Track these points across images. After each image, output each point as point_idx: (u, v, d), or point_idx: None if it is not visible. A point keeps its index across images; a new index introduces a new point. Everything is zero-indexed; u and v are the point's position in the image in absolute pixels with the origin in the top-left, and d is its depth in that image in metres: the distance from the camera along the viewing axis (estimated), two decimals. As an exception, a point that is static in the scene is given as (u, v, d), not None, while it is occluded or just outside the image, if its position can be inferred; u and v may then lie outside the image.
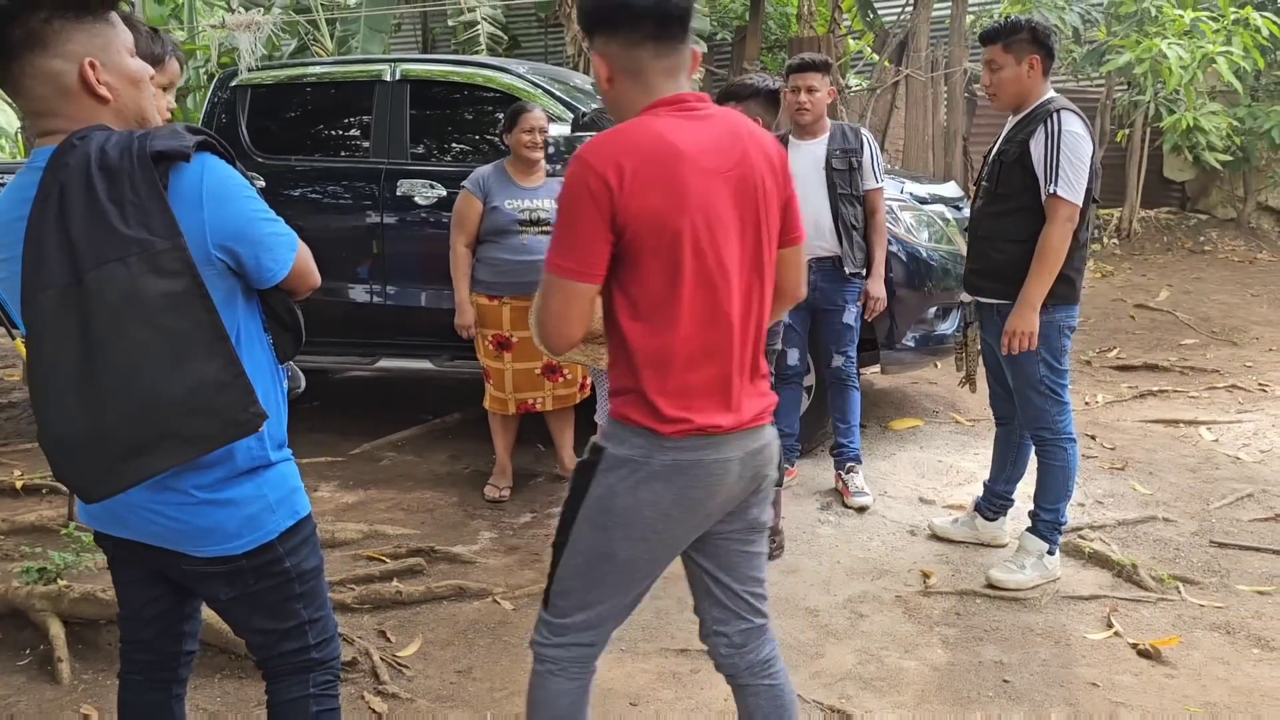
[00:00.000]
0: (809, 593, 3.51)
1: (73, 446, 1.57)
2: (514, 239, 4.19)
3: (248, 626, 1.91)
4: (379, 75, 5.11)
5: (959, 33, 10.02)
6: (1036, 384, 3.41)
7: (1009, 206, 3.35)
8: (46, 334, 1.54)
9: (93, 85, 1.61)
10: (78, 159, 1.54)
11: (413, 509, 4.35)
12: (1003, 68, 3.34)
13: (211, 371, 1.58)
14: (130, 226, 1.52)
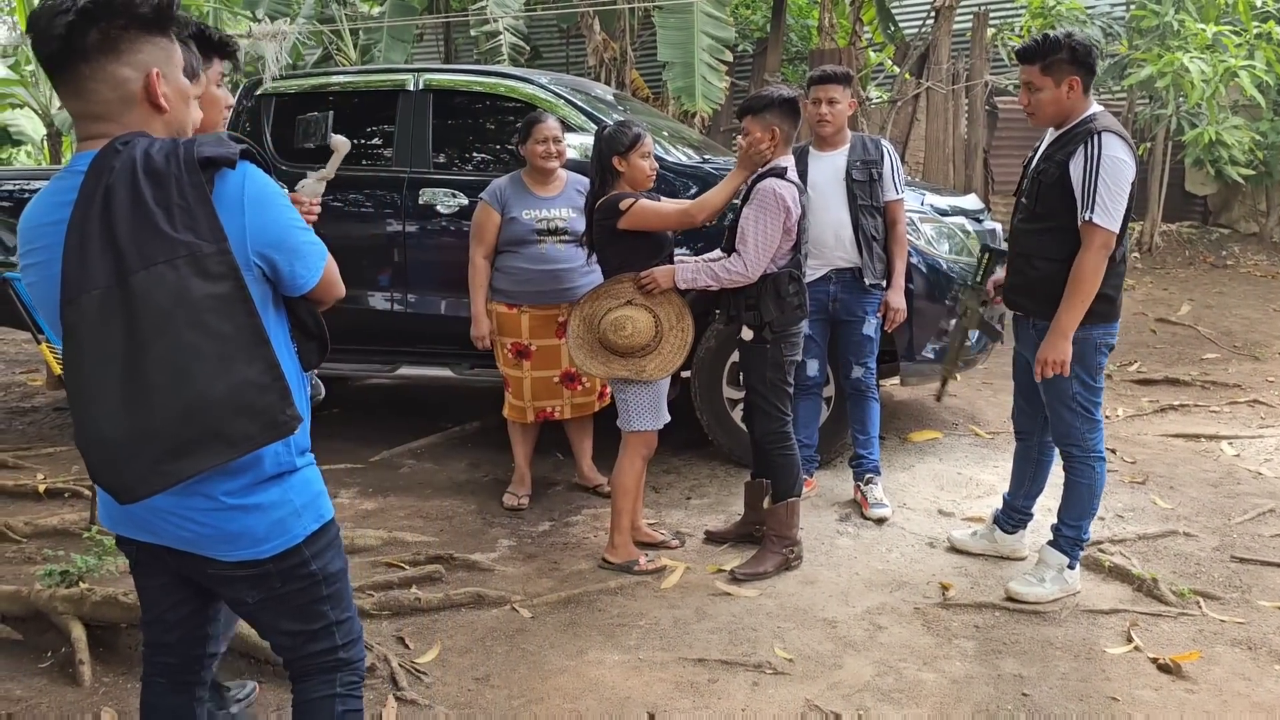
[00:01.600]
0: (827, 604, 3.51)
1: (116, 446, 1.57)
2: (533, 248, 4.21)
3: (275, 629, 1.92)
4: (402, 85, 5.15)
5: (980, 45, 10.02)
6: (1069, 400, 3.38)
7: (1047, 225, 3.30)
8: (89, 334, 1.55)
9: (156, 95, 1.65)
10: (123, 163, 1.56)
11: (432, 516, 4.37)
12: (1041, 89, 3.26)
13: (253, 373, 1.61)
14: (178, 230, 1.55)
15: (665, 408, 3.79)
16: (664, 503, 4.49)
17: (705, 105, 8.84)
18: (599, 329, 3.64)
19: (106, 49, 1.60)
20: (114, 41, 1.60)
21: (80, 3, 1.56)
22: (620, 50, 10.41)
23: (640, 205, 3.61)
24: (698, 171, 4.86)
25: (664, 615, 3.42)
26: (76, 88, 1.63)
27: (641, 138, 3.67)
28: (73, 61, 1.60)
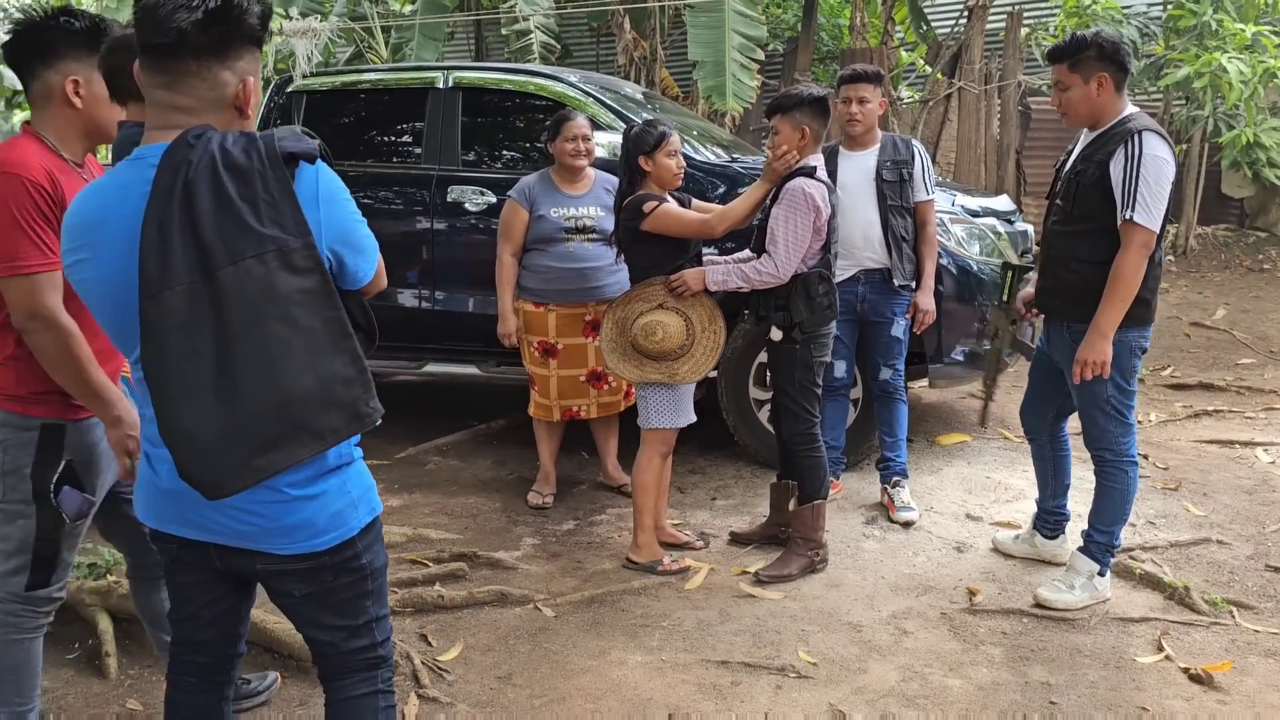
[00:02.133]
0: (852, 607, 3.48)
1: (207, 442, 1.56)
2: (560, 246, 4.21)
3: (317, 623, 1.88)
4: (432, 82, 5.16)
5: (1013, 45, 9.91)
6: (1104, 403, 3.34)
7: (1084, 228, 3.27)
8: (175, 330, 1.54)
9: (247, 102, 1.68)
10: (201, 157, 1.56)
11: (456, 514, 4.38)
12: (1070, 88, 3.25)
13: (339, 366, 1.62)
14: (264, 225, 1.56)
15: (689, 407, 3.77)
16: (689, 503, 4.48)
17: (736, 104, 8.80)
18: (631, 333, 3.63)
19: (218, 51, 1.62)
20: (225, 46, 1.63)
21: (210, 4, 1.59)
22: (650, 49, 10.39)
23: (662, 210, 3.60)
24: (727, 171, 4.84)
25: (687, 616, 3.41)
26: (175, 80, 1.63)
27: (667, 136, 3.65)
28: (182, 56, 1.61)
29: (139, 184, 1.60)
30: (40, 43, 2.17)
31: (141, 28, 1.61)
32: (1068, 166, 3.39)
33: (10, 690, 2.34)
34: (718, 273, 3.60)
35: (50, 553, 2.29)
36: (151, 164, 1.60)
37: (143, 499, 1.82)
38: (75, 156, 2.25)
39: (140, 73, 1.66)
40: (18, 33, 2.18)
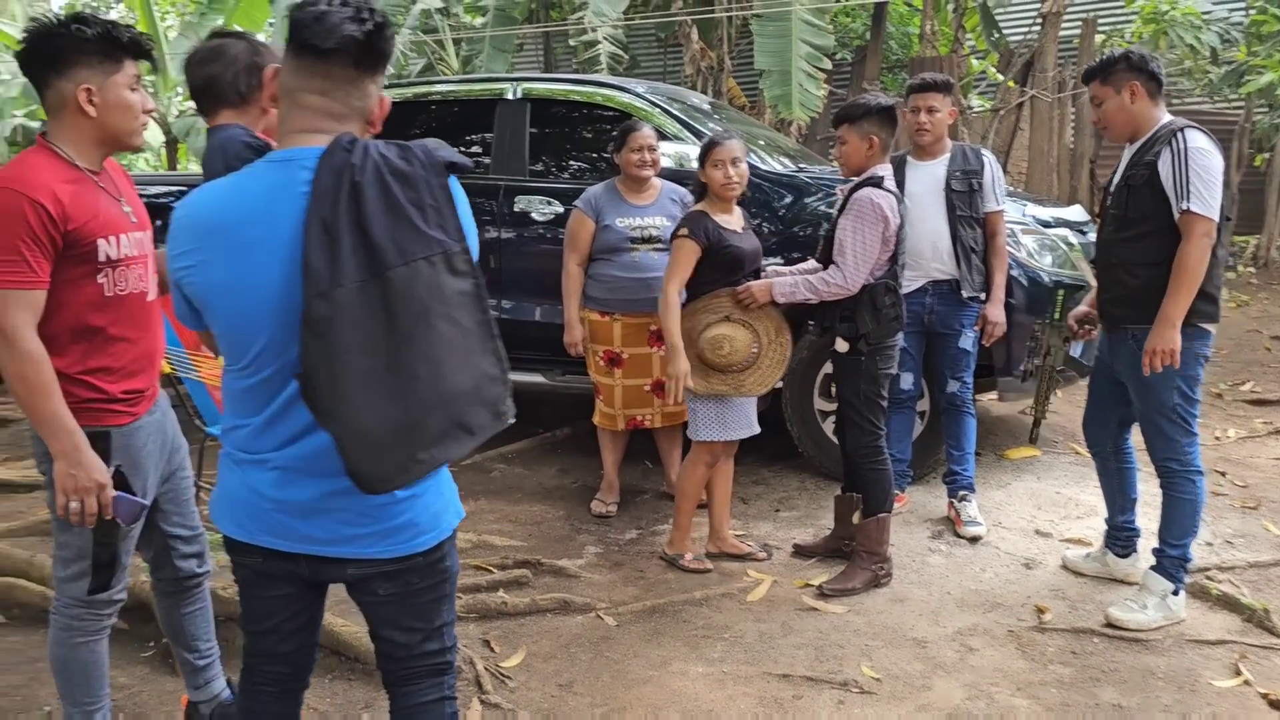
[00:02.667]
0: (917, 623, 3.43)
1: (379, 437, 1.60)
2: (626, 256, 4.22)
3: (397, 624, 1.88)
4: (501, 94, 5.22)
5: (1088, 52, 9.72)
6: (1169, 412, 3.30)
7: (1141, 231, 3.27)
8: (348, 327, 1.57)
9: (380, 116, 1.76)
10: (364, 161, 1.60)
11: (520, 521, 4.41)
12: (1105, 100, 3.34)
13: (487, 365, 1.69)
14: (430, 228, 1.62)
15: (742, 421, 3.78)
16: (752, 514, 4.46)
17: (802, 113, 8.77)
18: (697, 345, 3.63)
19: (371, 65, 1.70)
20: (376, 61, 1.70)
21: (376, 20, 1.66)
22: (717, 59, 10.40)
23: (679, 244, 3.66)
24: (794, 181, 4.82)
25: (749, 629, 3.39)
26: (333, 86, 1.68)
27: (714, 146, 3.67)
28: (345, 64, 1.67)
29: (293, 184, 1.64)
30: (52, 51, 2.17)
31: (310, 31, 1.65)
32: (1116, 179, 3.42)
33: (80, 691, 2.40)
34: (785, 284, 3.59)
35: (108, 557, 2.34)
36: (305, 165, 1.64)
37: (231, 511, 1.81)
38: (91, 165, 2.25)
39: (292, 74, 1.69)
40: (30, 41, 2.18)
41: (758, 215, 4.70)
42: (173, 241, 1.71)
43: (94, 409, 2.23)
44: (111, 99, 2.20)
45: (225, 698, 2.70)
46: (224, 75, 2.57)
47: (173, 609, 2.64)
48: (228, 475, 1.81)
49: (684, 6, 10.49)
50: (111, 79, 2.19)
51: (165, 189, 5.95)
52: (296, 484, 1.73)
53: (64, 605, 2.37)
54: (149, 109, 2.28)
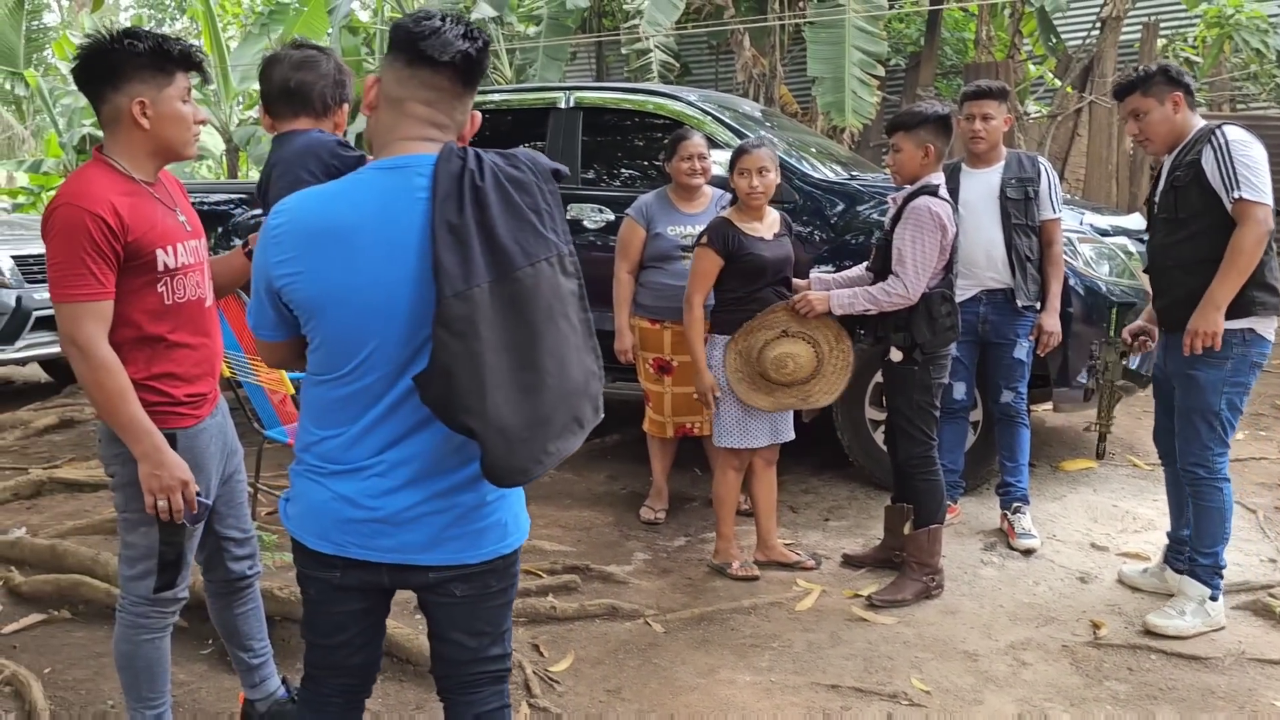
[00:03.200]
0: (968, 636, 3.39)
1: (518, 431, 1.65)
2: (677, 264, 4.23)
3: (466, 629, 1.88)
4: (554, 102, 5.26)
5: (1149, 57, 9.55)
6: (1211, 415, 3.30)
7: (1193, 230, 3.28)
8: (485, 326, 1.62)
9: (472, 131, 1.83)
10: (484, 169, 1.67)
11: (570, 526, 4.43)
12: (1149, 111, 3.35)
13: (590, 363, 1.77)
14: (548, 231, 1.71)
15: (775, 426, 3.81)
16: (801, 523, 4.44)
17: (855, 120, 8.72)
18: (759, 364, 3.63)
19: (471, 83, 1.77)
20: (476, 79, 1.78)
21: (483, 41, 1.75)
22: (769, 66, 10.38)
23: (699, 252, 3.72)
24: (846, 188, 4.79)
25: (798, 638, 3.38)
26: (440, 98, 1.75)
27: (742, 154, 3.69)
28: (455, 78, 1.74)
29: (409, 189, 1.68)
30: (106, 66, 2.21)
31: (427, 44, 1.70)
32: (1160, 188, 3.43)
33: (145, 687, 2.46)
34: (843, 296, 3.56)
35: (174, 555, 2.39)
36: (420, 172, 1.69)
37: (317, 525, 1.81)
38: (147, 176, 2.29)
39: (400, 84, 1.74)
40: (84, 56, 2.22)
41: (809, 223, 4.69)
42: (275, 248, 1.72)
43: (160, 412, 2.28)
44: (164, 111, 2.24)
45: (280, 695, 2.75)
46: (316, 85, 2.65)
47: (225, 609, 2.69)
48: (312, 489, 1.81)
49: (736, 14, 10.49)
50: (164, 92, 2.23)
51: (225, 196, 6.09)
52: (392, 491, 1.75)
53: (130, 603, 2.42)
54: (200, 120, 2.33)
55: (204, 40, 13.95)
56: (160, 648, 2.46)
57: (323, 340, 1.74)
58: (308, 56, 2.70)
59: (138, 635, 2.43)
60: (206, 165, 18.51)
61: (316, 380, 1.79)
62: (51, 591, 3.60)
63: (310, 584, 1.89)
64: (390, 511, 1.75)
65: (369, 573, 1.81)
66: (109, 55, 2.20)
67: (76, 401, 6.60)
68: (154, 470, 2.22)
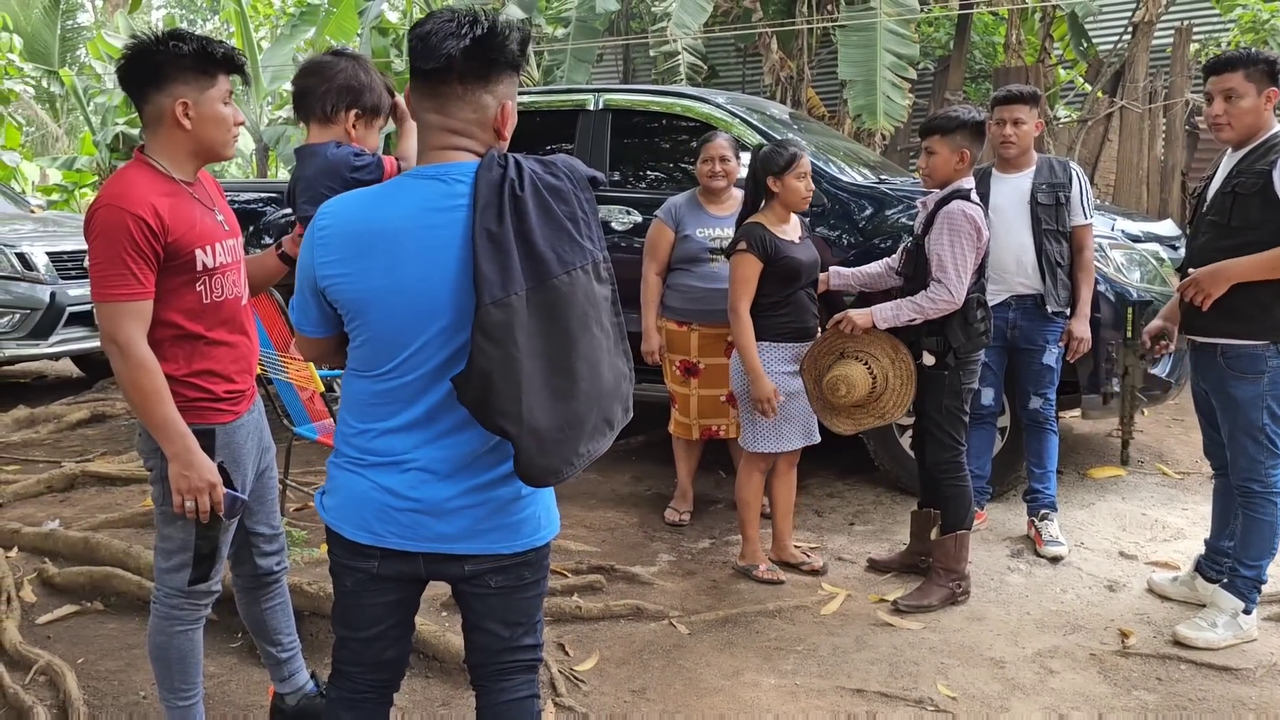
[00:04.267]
0: (995, 642, 3.38)
1: (551, 434, 1.70)
2: (705, 266, 4.24)
3: (501, 619, 1.92)
4: (583, 104, 5.28)
5: (1181, 62, 9.47)
6: (1255, 431, 3.22)
7: (1243, 240, 3.16)
8: (521, 332, 1.66)
9: (504, 124, 1.81)
10: (523, 178, 1.70)
11: (595, 527, 4.45)
12: (1244, 96, 3.17)
13: (621, 365, 1.82)
14: (583, 238, 1.75)
15: (807, 428, 3.83)
16: (826, 527, 4.43)
17: (887, 123, 8.69)
18: (823, 392, 3.65)
19: (481, 76, 1.75)
20: (488, 71, 1.75)
21: (476, 33, 1.71)
22: (797, 69, 10.37)
23: (740, 259, 3.69)
24: (874, 192, 4.78)
25: (823, 642, 3.38)
26: (444, 103, 1.76)
27: (798, 158, 3.67)
28: (449, 80, 1.74)
29: (449, 197, 1.72)
30: (150, 66, 2.24)
31: (414, 54, 1.74)
32: (1214, 185, 3.32)
33: (178, 678, 2.49)
34: (886, 310, 3.55)
35: (209, 549, 2.42)
36: (459, 180, 1.73)
37: (358, 515, 1.84)
38: (187, 176, 2.34)
39: (413, 96, 1.79)
40: (129, 57, 2.27)
41: (837, 226, 4.68)
42: (322, 249, 1.78)
43: (200, 407, 2.32)
44: (206, 112, 2.28)
45: (309, 689, 2.78)
46: (315, 90, 2.68)
47: (253, 604, 2.72)
48: (352, 480, 1.85)
49: (764, 18, 10.48)
50: (206, 93, 2.27)
51: (256, 195, 6.15)
52: (433, 483, 1.79)
53: (164, 595, 2.46)
54: (239, 121, 2.37)
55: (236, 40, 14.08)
56: (193, 640, 2.49)
57: (367, 339, 1.78)
58: (316, 62, 2.72)
59: (171, 627, 2.46)
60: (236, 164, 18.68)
61: (359, 375, 1.83)
62: (84, 583, 3.65)
63: (346, 575, 1.91)
64: (431, 503, 1.79)
65: (406, 563, 1.85)
66: (154, 56, 2.24)
67: (109, 396, 6.68)
68: (183, 471, 2.25)
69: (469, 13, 1.74)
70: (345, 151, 2.62)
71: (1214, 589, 3.43)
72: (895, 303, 3.56)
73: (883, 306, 3.57)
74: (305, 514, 4.50)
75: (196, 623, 2.49)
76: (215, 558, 2.44)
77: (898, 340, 3.60)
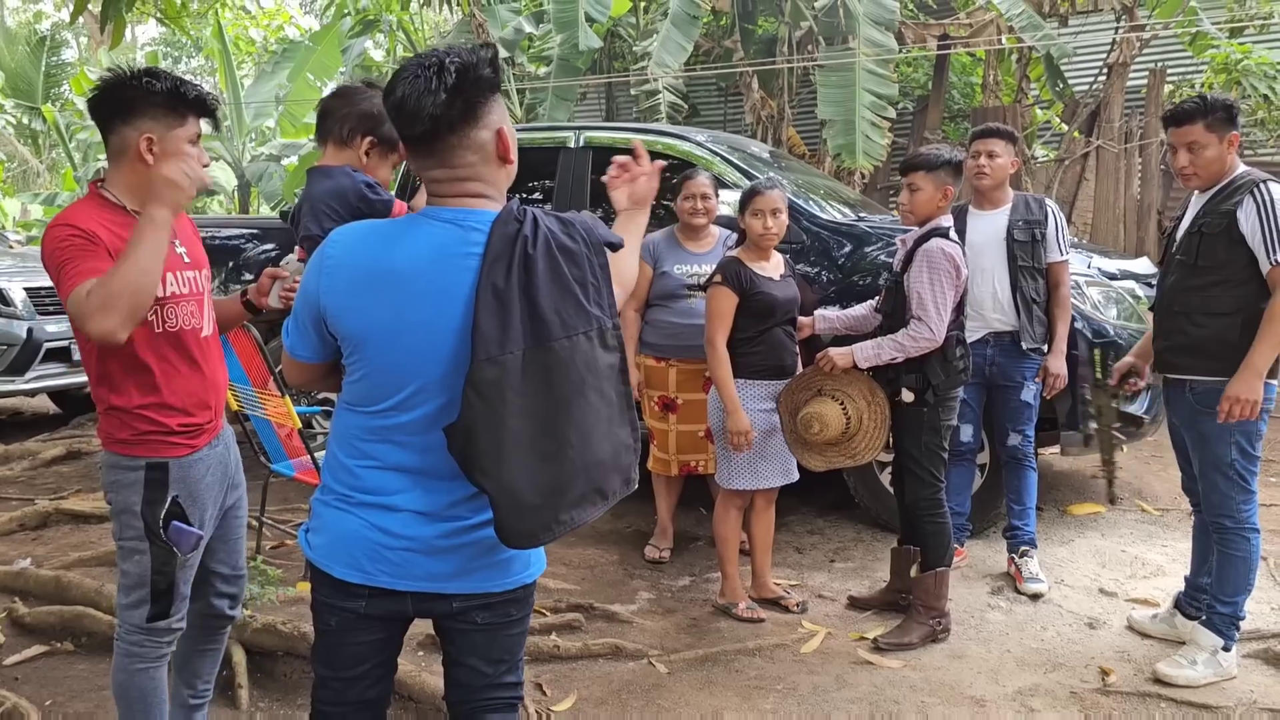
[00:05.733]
0: (975, 680, 3.36)
1: (530, 497, 1.67)
2: (682, 303, 4.25)
3: (485, 655, 1.89)
4: (564, 142, 5.31)
5: (1156, 103, 9.61)
6: (1225, 468, 3.24)
7: (1210, 280, 3.22)
8: (512, 392, 1.65)
9: (506, 149, 1.79)
10: (535, 235, 1.69)
11: (574, 564, 4.41)
12: (1207, 146, 3.24)
13: (624, 436, 1.79)
14: (591, 304, 1.73)
15: (784, 466, 3.82)
16: (807, 564, 4.41)
17: (866, 162, 8.77)
18: (795, 428, 3.66)
19: (468, 117, 1.72)
20: (473, 108, 1.73)
21: (448, 81, 1.67)
22: (778, 108, 10.47)
23: (714, 293, 3.71)
24: (854, 230, 4.82)
25: (803, 680, 3.35)
26: (443, 157, 1.74)
27: (755, 195, 3.70)
28: (441, 135, 1.72)
29: (463, 244, 1.71)
30: (121, 99, 2.26)
31: (398, 123, 1.73)
32: (1183, 226, 3.36)
33: (140, 717, 2.44)
34: (867, 349, 3.56)
35: (166, 585, 2.37)
36: (475, 228, 1.72)
37: (348, 553, 1.80)
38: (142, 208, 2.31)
39: (410, 160, 1.78)
40: (102, 89, 2.29)
41: (817, 263, 4.71)
42: (328, 277, 1.76)
43: (152, 440, 2.30)
44: (170, 150, 2.28)
45: None
46: (337, 111, 2.70)
47: (190, 639, 2.64)
48: (341, 518, 1.81)
49: (745, 57, 10.60)
50: (173, 132, 2.29)
51: (237, 231, 6.13)
52: (425, 523, 1.77)
53: (125, 632, 2.41)
54: (205, 163, 2.37)
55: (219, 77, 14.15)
56: (155, 678, 2.44)
57: (365, 374, 1.77)
58: (346, 88, 2.78)
59: (132, 664, 2.41)
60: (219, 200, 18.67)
61: (353, 409, 1.81)
62: (55, 623, 3.59)
63: (332, 614, 1.87)
64: (422, 541, 1.77)
65: (394, 602, 1.82)
66: (125, 90, 2.26)
67: (84, 433, 6.62)
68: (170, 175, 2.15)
69: (434, 61, 1.69)
70: (359, 180, 2.62)
71: (1193, 626, 3.43)
72: (876, 341, 3.57)
73: (863, 345, 3.58)
74: (281, 552, 4.46)
75: (158, 661, 2.44)
76: (173, 594, 2.39)
77: (875, 384, 3.60)
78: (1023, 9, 9.18)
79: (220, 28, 15.01)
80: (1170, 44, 10.86)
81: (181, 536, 2.31)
